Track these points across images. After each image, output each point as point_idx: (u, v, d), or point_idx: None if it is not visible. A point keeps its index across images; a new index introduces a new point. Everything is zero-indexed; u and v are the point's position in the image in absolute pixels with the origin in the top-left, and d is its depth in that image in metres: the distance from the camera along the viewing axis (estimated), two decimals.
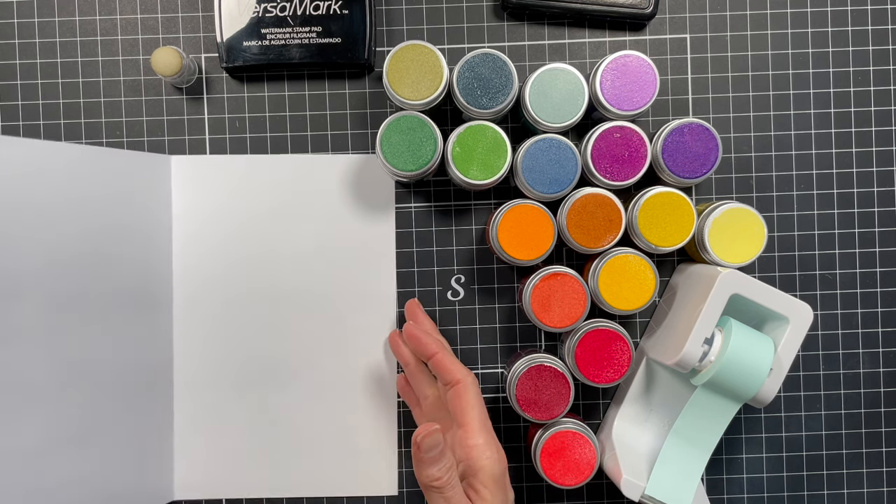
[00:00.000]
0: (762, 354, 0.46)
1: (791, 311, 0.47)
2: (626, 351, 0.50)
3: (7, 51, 0.54)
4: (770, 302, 0.47)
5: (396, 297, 0.55)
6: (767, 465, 0.56)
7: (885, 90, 0.55)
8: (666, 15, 0.55)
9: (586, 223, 0.50)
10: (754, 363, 0.46)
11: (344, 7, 0.52)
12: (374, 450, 0.55)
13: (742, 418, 0.56)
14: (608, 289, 0.50)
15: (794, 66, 0.55)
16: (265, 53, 0.53)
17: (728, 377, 0.46)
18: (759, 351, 0.46)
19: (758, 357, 0.46)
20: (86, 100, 0.55)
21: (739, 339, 0.46)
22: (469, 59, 0.49)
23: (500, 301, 0.56)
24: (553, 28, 0.55)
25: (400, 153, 0.50)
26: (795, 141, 0.55)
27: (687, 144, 0.50)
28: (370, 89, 0.55)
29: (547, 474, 0.50)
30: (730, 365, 0.46)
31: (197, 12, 0.55)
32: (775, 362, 0.47)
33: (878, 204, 0.55)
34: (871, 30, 0.55)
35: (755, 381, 0.46)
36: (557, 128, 0.50)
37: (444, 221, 0.55)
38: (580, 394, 0.56)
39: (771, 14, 0.55)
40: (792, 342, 0.47)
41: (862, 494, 0.56)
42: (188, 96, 0.55)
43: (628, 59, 0.50)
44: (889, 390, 0.56)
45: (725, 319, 0.48)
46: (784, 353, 0.47)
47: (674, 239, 0.50)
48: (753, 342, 0.46)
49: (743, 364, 0.46)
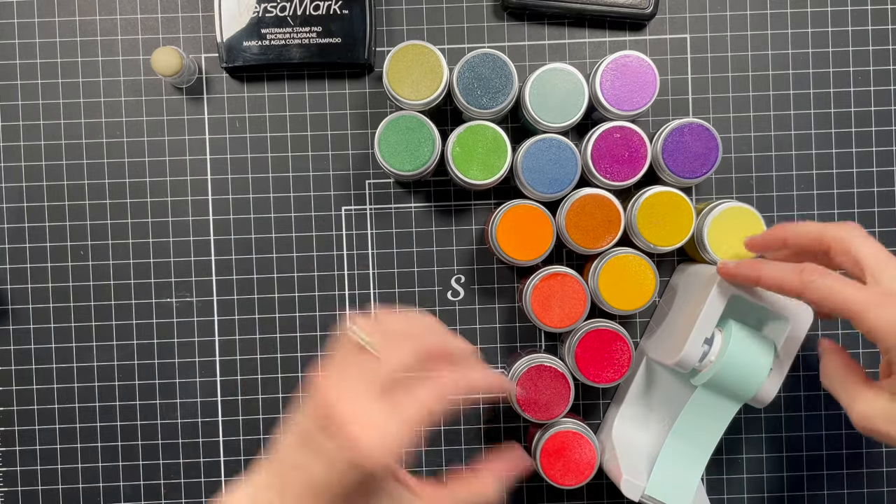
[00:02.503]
0: (762, 355, 0.46)
1: (791, 311, 0.47)
2: (626, 351, 0.50)
3: (7, 51, 0.54)
4: (770, 302, 0.47)
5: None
6: (767, 465, 0.56)
7: (886, 90, 0.55)
8: (666, 15, 0.55)
9: (585, 224, 0.50)
10: (754, 363, 0.46)
11: (344, 7, 0.52)
12: None
13: (742, 418, 0.56)
14: (608, 289, 0.50)
15: (795, 66, 0.55)
16: (265, 53, 0.53)
17: (728, 377, 0.46)
18: (759, 351, 0.46)
19: (758, 357, 0.46)
20: (86, 100, 0.55)
21: (739, 339, 0.46)
22: (469, 59, 0.49)
23: (500, 301, 0.56)
24: (553, 28, 0.55)
25: (398, 153, 0.50)
26: (795, 141, 0.55)
27: (687, 144, 0.50)
28: (370, 89, 0.55)
29: (547, 474, 0.50)
30: (730, 365, 0.46)
31: (197, 12, 0.55)
32: (775, 363, 0.47)
33: (878, 204, 0.55)
34: (871, 30, 0.55)
35: (755, 381, 0.46)
36: (557, 128, 0.50)
37: (444, 221, 0.55)
38: (580, 394, 0.56)
39: (771, 14, 0.55)
40: (792, 342, 0.47)
41: (862, 494, 0.56)
42: (188, 96, 0.55)
43: (628, 60, 0.50)
44: None
45: (725, 320, 0.48)
46: (784, 353, 0.47)
47: (673, 238, 0.50)
48: (753, 342, 0.46)
49: (743, 364, 0.46)
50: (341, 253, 0.55)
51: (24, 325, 0.55)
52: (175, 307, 0.55)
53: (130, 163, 0.55)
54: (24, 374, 0.55)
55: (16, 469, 0.55)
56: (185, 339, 0.55)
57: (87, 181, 0.55)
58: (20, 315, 0.55)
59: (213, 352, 0.55)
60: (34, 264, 0.55)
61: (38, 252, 0.55)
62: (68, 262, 0.55)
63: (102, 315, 0.55)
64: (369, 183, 0.55)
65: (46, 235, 0.55)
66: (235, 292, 0.55)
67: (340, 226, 0.55)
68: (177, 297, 0.55)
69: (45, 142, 0.55)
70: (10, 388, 0.55)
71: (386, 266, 0.55)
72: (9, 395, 0.55)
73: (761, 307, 0.47)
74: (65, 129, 0.55)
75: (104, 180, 0.55)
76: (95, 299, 0.55)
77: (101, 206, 0.55)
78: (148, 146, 0.55)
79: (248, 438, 0.56)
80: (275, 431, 0.56)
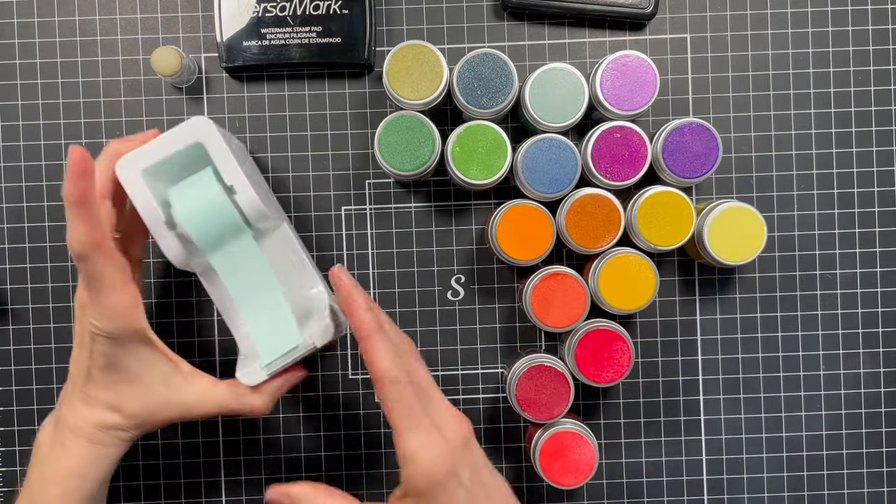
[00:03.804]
0: (204, 187, 0.44)
1: (190, 134, 0.45)
2: (627, 351, 0.50)
3: (7, 51, 0.54)
4: (165, 149, 0.45)
5: (396, 298, 0.55)
6: (767, 465, 0.56)
7: (886, 90, 0.55)
8: (666, 15, 0.55)
9: (585, 223, 0.50)
10: (206, 198, 0.44)
11: (344, 7, 0.52)
12: None
13: (742, 418, 0.56)
14: (608, 289, 0.50)
15: (795, 65, 0.55)
16: (265, 53, 0.53)
17: (206, 225, 0.44)
18: (202, 187, 0.44)
19: (203, 193, 0.44)
20: (86, 100, 0.55)
21: (182, 200, 0.44)
22: (469, 59, 0.49)
23: (500, 301, 0.56)
24: (553, 28, 0.55)
25: (398, 153, 0.50)
26: (796, 141, 0.55)
27: (687, 144, 0.50)
28: (370, 89, 0.55)
29: (546, 475, 0.50)
30: (194, 218, 0.44)
31: (197, 12, 0.55)
32: (230, 175, 0.44)
33: (879, 204, 0.55)
34: (872, 30, 0.55)
35: (222, 210, 0.44)
36: (557, 128, 0.50)
37: (444, 221, 0.55)
38: (580, 394, 0.56)
39: (771, 14, 0.55)
40: (216, 151, 0.44)
41: (862, 495, 0.56)
42: (188, 96, 0.55)
43: (628, 59, 0.50)
44: (889, 390, 0.56)
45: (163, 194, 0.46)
46: (222, 163, 0.44)
47: (673, 238, 0.50)
48: (193, 188, 0.45)
49: (201, 210, 0.44)
50: (341, 253, 0.55)
51: (24, 325, 0.55)
52: (175, 306, 0.55)
53: None
54: (24, 374, 0.55)
55: (16, 469, 0.55)
56: (185, 339, 0.55)
57: None
58: (20, 315, 0.55)
59: (213, 352, 0.55)
60: (34, 264, 0.55)
61: (38, 252, 0.55)
62: (68, 262, 0.55)
63: None
64: (369, 183, 0.55)
65: (46, 235, 0.55)
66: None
67: (340, 226, 0.55)
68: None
69: (44, 142, 0.55)
70: (10, 388, 0.55)
71: (386, 266, 0.55)
72: (9, 395, 0.55)
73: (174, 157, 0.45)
74: (65, 129, 0.55)
75: None
76: None
77: None
78: None
79: (248, 438, 0.56)
80: (275, 430, 0.56)
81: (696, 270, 0.56)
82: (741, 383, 0.56)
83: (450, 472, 0.41)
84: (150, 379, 0.45)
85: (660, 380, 0.56)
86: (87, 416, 0.45)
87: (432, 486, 0.41)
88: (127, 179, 0.44)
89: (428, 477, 0.41)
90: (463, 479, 0.42)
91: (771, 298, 0.56)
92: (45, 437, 0.46)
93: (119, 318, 0.43)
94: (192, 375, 0.47)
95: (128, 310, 0.43)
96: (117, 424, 0.45)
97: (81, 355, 0.45)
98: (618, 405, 0.56)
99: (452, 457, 0.41)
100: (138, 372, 0.45)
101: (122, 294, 0.43)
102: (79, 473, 0.45)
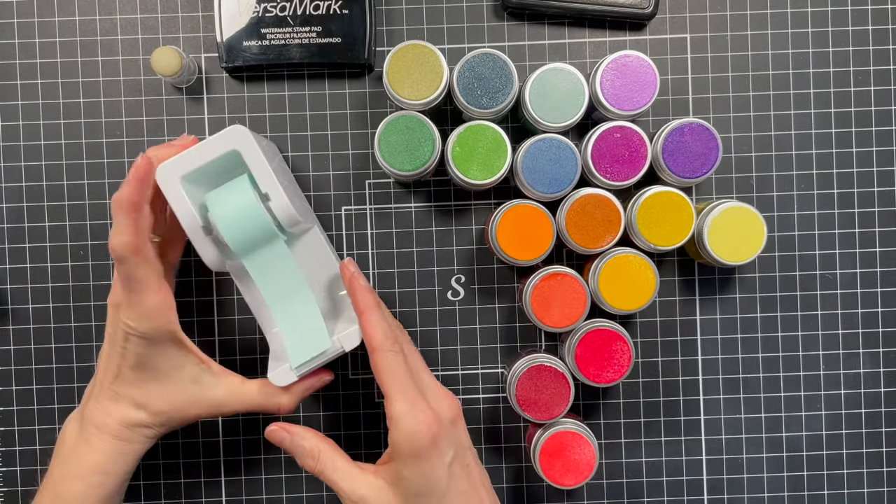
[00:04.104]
0: (241, 194, 0.45)
1: (227, 142, 0.45)
2: (627, 351, 0.50)
3: (7, 51, 0.55)
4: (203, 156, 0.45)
5: (395, 298, 0.55)
6: (767, 465, 0.56)
7: (886, 90, 0.55)
8: (666, 15, 0.55)
9: (585, 223, 0.50)
10: (242, 203, 0.45)
11: (344, 7, 0.52)
12: None
13: (742, 418, 0.56)
14: (608, 289, 0.50)
15: (795, 65, 0.55)
16: (265, 53, 0.53)
17: (241, 231, 0.45)
18: (239, 194, 0.45)
19: (240, 198, 0.45)
20: (86, 100, 0.55)
21: (218, 203, 0.45)
22: (469, 59, 0.49)
23: (500, 301, 0.56)
24: (553, 28, 0.55)
25: (398, 153, 0.50)
26: (796, 141, 0.55)
27: (687, 144, 0.50)
28: (370, 89, 0.55)
29: (546, 475, 0.50)
30: (230, 223, 0.45)
31: (197, 12, 0.55)
32: (266, 183, 0.45)
33: (879, 204, 0.55)
34: (872, 30, 0.55)
35: (256, 217, 0.45)
36: (557, 128, 0.50)
37: (444, 221, 0.55)
38: (580, 394, 0.56)
39: (771, 14, 0.55)
40: (253, 159, 0.45)
41: (862, 494, 0.56)
42: (188, 96, 0.55)
43: (628, 59, 0.50)
44: (889, 390, 0.56)
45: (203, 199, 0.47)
46: (258, 171, 0.45)
47: (673, 238, 0.50)
48: (230, 194, 0.45)
49: (235, 213, 0.45)
50: (341, 253, 0.55)
51: (24, 325, 0.55)
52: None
53: (130, 163, 0.55)
54: (24, 374, 0.55)
55: (16, 469, 0.55)
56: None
57: (87, 181, 0.55)
58: (20, 315, 0.55)
59: (213, 352, 0.55)
60: (34, 264, 0.55)
61: (38, 252, 0.55)
62: (68, 262, 0.55)
63: (102, 315, 0.55)
64: (369, 183, 0.55)
65: (46, 235, 0.55)
66: (236, 292, 0.55)
67: (340, 226, 0.55)
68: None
69: (45, 142, 0.55)
70: (10, 388, 0.55)
71: (386, 266, 0.55)
72: (9, 395, 0.55)
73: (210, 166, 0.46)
74: (65, 129, 0.55)
75: (104, 180, 0.55)
76: (95, 299, 0.55)
77: (101, 206, 0.55)
78: (148, 146, 0.55)
79: (248, 438, 0.56)
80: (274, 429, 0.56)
81: (696, 270, 0.56)
82: (741, 383, 0.56)
83: (434, 441, 0.42)
84: (179, 377, 0.47)
85: (660, 380, 0.56)
86: (115, 412, 0.46)
87: (415, 452, 0.42)
88: (166, 186, 0.45)
89: (412, 439, 0.42)
90: (447, 458, 0.43)
91: (771, 298, 0.56)
92: (69, 433, 0.47)
93: (153, 319, 0.44)
94: (222, 374, 0.48)
95: (161, 311, 0.44)
96: (143, 421, 0.47)
97: (113, 353, 0.46)
98: (618, 405, 0.56)
99: (439, 427, 0.43)
100: (168, 371, 0.46)
101: (156, 296, 0.44)
102: (102, 469, 0.45)
